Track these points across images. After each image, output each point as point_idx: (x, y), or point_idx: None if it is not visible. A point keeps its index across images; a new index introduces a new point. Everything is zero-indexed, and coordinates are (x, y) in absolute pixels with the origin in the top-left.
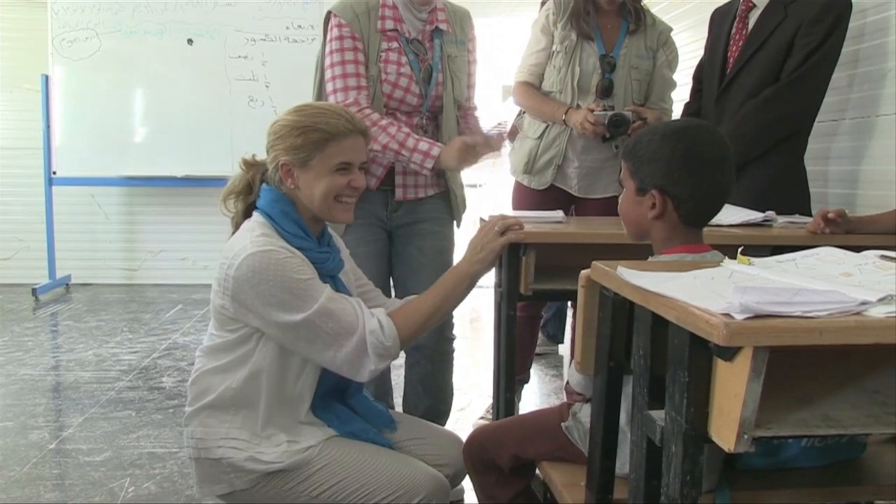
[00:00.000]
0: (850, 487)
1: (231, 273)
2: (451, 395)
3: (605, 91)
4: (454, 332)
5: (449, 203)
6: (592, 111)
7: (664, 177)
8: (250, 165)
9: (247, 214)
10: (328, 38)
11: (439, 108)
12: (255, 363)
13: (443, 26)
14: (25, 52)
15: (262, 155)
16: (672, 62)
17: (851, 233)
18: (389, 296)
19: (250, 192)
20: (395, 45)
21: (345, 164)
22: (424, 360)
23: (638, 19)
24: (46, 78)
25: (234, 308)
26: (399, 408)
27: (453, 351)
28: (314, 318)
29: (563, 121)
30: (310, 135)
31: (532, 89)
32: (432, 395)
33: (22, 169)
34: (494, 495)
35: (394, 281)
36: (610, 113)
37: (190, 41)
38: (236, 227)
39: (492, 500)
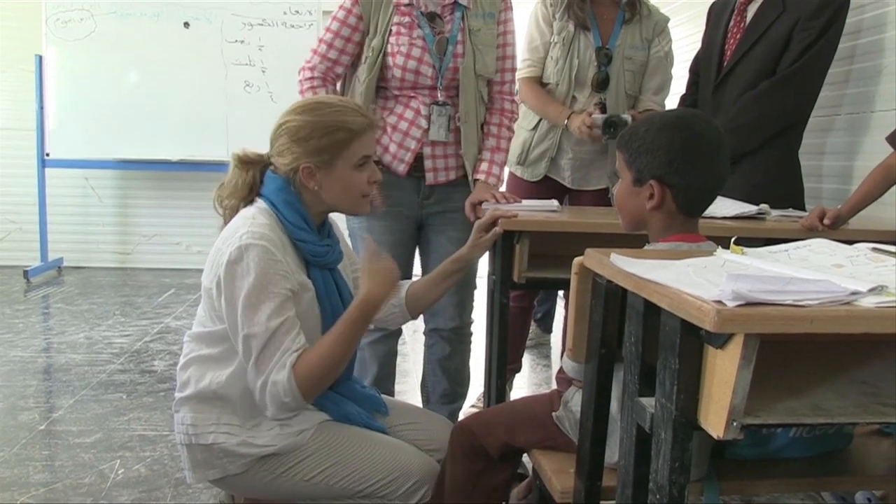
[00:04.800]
0: (837, 478)
1: (223, 260)
2: (469, 378)
3: (601, 84)
4: (472, 316)
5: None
6: (591, 115)
7: (663, 166)
8: (247, 163)
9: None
10: (339, 3)
11: (458, 83)
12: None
13: (463, 1)
14: (19, 31)
15: (252, 143)
16: (668, 54)
17: (845, 225)
18: None
19: (250, 191)
20: (407, 19)
21: (365, 158)
22: (443, 341)
23: (633, 8)
24: (40, 58)
25: (217, 294)
26: (402, 395)
27: (471, 334)
28: (248, 338)
29: (566, 126)
30: (335, 135)
31: (537, 88)
32: (450, 377)
33: (15, 150)
34: (478, 483)
35: (422, 269)
36: (605, 116)
37: (186, 24)
38: (228, 220)
39: (473, 488)
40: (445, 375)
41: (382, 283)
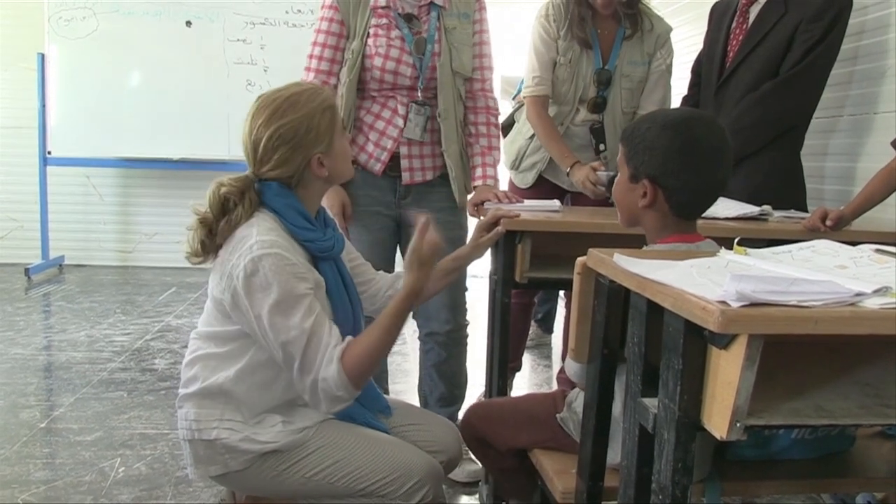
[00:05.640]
0: (839, 480)
1: (237, 273)
2: (466, 380)
3: (597, 108)
4: (466, 318)
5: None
6: (595, 171)
7: (658, 167)
8: (243, 192)
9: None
10: (320, 14)
11: (437, 83)
12: (253, 357)
13: (439, 1)
14: (21, 30)
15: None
16: (669, 67)
17: (848, 227)
18: None
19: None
20: (384, 21)
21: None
22: (438, 346)
23: (635, 24)
24: (42, 57)
25: (231, 304)
26: (402, 394)
27: (466, 336)
28: (286, 345)
29: (567, 174)
30: (325, 115)
31: (545, 116)
32: (447, 381)
33: (17, 148)
34: (503, 466)
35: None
36: (611, 174)
37: (188, 23)
38: (214, 251)
39: (500, 472)
40: (442, 379)
41: (427, 273)
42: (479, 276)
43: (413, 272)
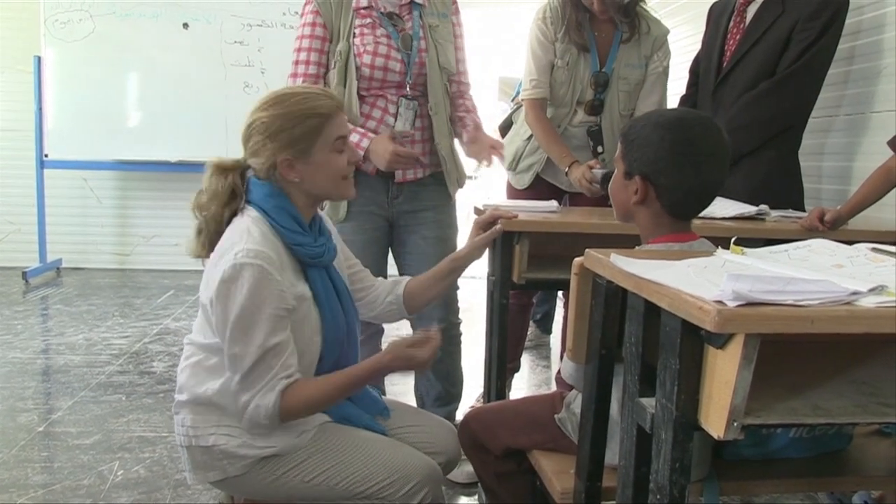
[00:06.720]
0: (836, 478)
1: (217, 277)
2: (462, 378)
3: (594, 110)
4: (459, 315)
5: (446, 184)
6: (591, 168)
7: (650, 165)
8: (225, 170)
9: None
10: (301, 19)
11: (425, 79)
12: None
13: None
14: (17, 32)
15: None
16: (666, 69)
17: (845, 226)
18: None
19: (235, 197)
20: (368, 20)
21: (342, 139)
22: None
23: (632, 28)
24: (39, 59)
25: (211, 308)
26: (400, 395)
27: (460, 334)
28: (235, 357)
29: (566, 173)
30: (307, 122)
31: (544, 119)
32: (443, 380)
33: (14, 151)
34: (499, 470)
35: (399, 269)
36: (605, 170)
37: (185, 25)
38: (210, 228)
39: (496, 477)
40: (438, 379)
41: (406, 364)
42: (476, 276)
43: (395, 356)
